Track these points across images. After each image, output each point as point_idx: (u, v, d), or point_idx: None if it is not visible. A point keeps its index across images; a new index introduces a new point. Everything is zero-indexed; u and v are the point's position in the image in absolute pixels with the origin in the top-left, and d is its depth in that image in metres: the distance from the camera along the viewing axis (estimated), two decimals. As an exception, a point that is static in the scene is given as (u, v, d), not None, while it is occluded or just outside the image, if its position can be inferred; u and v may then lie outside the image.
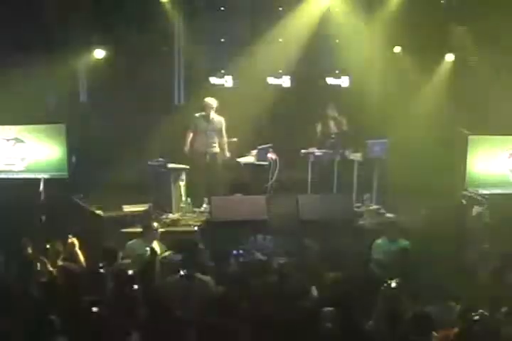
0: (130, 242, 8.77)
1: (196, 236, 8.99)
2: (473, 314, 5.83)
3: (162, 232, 9.26)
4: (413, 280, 7.20)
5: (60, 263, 7.78)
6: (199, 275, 7.12)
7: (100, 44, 11.61)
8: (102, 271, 7.44)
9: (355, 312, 6.16)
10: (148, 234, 8.77)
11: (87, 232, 9.23)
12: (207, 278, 7.16)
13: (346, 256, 8.32)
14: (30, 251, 8.03)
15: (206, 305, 6.38)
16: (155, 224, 8.98)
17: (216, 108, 10.71)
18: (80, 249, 8.08)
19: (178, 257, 7.98)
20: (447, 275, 7.31)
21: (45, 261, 7.68)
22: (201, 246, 8.53)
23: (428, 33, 11.81)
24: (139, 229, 9.12)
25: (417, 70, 11.93)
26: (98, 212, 10.21)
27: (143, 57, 11.69)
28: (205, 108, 10.71)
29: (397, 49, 12.53)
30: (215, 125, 10.75)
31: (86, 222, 9.68)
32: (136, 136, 11.86)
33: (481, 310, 5.89)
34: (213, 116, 10.73)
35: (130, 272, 7.22)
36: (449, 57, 12.44)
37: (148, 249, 8.31)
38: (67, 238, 8.13)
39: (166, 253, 8.51)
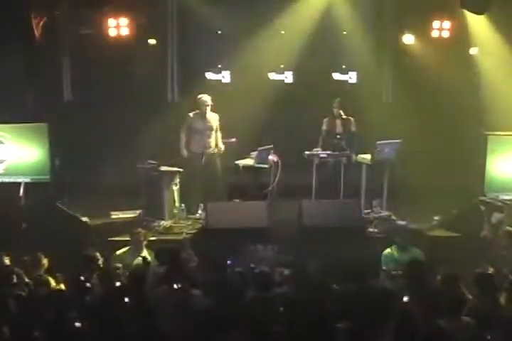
0: (118, 252, 8.79)
1: (183, 245, 8.91)
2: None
3: (153, 241, 9.30)
4: (426, 292, 7.14)
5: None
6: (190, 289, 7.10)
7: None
8: (88, 285, 7.40)
9: (366, 328, 6.12)
10: (136, 243, 8.78)
11: (71, 241, 9.26)
12: (196, 291, 7.12)
13: (354, 267, 8.28)
14: (6, 262, 8.02)
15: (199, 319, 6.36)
16: (144, 232, 8.97)
17: (211, 106, 10.70)
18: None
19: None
20: (463, 287, 7.27)
21: (21, 272, 7.66)
22: (190, 256, 8.52)
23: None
24: (128, 238, 9.09)
25: (432, 63, 11.85)
26: (84, 219, 10.19)
27: (133, 51, 11.64)
28: (199, 106, 10.70)
29: (409, 39, 12.32)
30: (212, 123, 10.75)
31: (71, 230, 9.65)
32: (125, 136, 11.86)
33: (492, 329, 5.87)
34: (209, 114, 10.72)
35: (118, 284, 7.22)
36: (473, 51, 12.29)
37: (140, 258, 8.33)
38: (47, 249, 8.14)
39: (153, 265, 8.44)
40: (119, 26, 11.56)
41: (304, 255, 9.03)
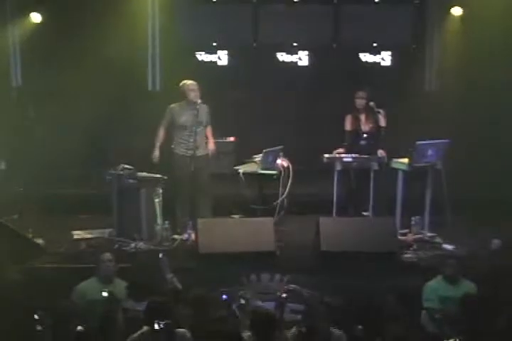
0: (81, 284, 8.60)
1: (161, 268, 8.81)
2: None
3: (127, 268, 9.19)
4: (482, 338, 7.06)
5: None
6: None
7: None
8: (39, 328, 7.28)
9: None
10: (105, 272, 8.62)
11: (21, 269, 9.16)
12: (182, 331, 7.10)
13: (386, 304, 8.21)
14: None
15: None
16: (115, 257, 8.82)
17: (200, 93, 10.53)
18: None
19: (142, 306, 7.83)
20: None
21: None
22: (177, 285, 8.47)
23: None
24: (94, 265, 8.91)
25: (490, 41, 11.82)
26: (38, 240, 10.06)
27: (101, 23, 11.63)
28: (185, 93, 10.53)
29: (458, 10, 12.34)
30: (201, 117, 10.59)
31: (20, 255, 9.50)
32: (92, 134, 11.89)
33: None
34: (198, 103, 10.55)
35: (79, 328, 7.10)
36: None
37: (105, 293, 8.17)
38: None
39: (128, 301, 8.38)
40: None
41: (321, 288, 8.97)
